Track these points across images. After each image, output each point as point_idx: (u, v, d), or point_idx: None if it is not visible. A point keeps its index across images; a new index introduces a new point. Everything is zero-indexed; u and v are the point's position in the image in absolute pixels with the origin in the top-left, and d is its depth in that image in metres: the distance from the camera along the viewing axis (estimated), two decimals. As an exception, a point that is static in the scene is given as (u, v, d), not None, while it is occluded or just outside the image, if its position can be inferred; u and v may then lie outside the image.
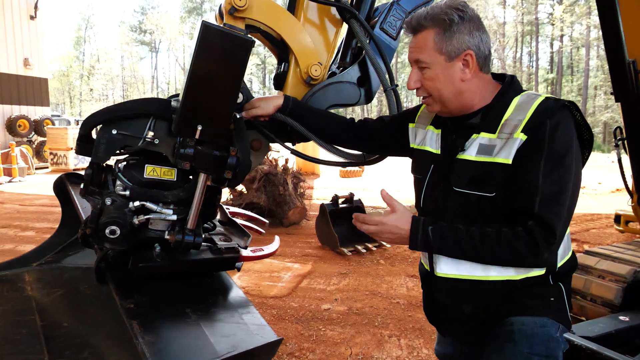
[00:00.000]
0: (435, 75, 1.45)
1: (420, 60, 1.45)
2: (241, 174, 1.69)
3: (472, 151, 1.44)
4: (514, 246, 1.33)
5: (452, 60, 1.43)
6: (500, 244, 1.34)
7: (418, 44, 1.46)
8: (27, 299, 2.19)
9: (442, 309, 1.60)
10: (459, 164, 1.47)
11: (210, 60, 1.54)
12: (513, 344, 1.40)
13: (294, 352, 3.46)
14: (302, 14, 2.02)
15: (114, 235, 1.59)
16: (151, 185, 1.71)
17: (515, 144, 1.36)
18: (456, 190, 1.45)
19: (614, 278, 3.35)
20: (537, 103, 1.39)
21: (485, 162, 1.40)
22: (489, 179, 1.39)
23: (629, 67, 3.10)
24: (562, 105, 1.38)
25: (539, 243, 1.31)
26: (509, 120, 1.40)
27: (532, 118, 1.36)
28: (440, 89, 1.46)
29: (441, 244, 1.41)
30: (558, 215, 1.33)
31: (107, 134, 1.63)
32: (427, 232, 1.41)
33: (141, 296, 1.66)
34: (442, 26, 1.42)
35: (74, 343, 1.94)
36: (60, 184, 2.29)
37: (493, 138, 1.41)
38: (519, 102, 1.43)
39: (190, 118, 1.60)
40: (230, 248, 1.90)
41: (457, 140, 1.50)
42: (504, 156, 1.37)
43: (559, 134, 1.34)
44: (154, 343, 1.43)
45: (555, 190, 1.33)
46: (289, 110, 1.84)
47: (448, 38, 1.42)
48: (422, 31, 1.45)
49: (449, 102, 1.47)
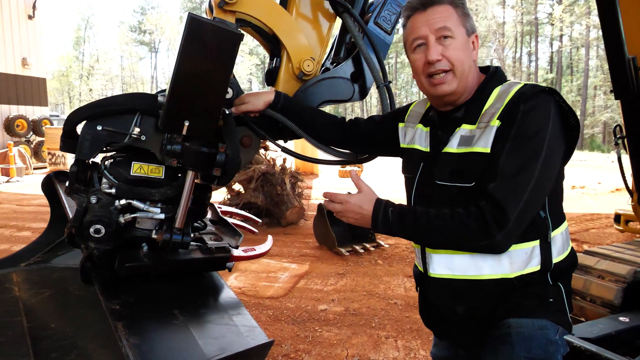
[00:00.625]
0: (460, 45, 1.42)
1: (447, 27, 1.41)
2: (230, 171, 1.64)
3: (454, 143, 1.42)
4: (465, 224, 1.30)
5: (469, 36, 1.45)
6: (453, 220, 1.31)
7: (442, 14, 1.42)
8: (14, 300, 2.15)
9: (436, 311, 1.56)
10: (442, 157, 1.45)
11: (197, 53, 1.49)
12: (510, 347, 1.35)
13: (290, 353, 3.41)
14: (294, 8, 1.97)
15: (99, 234, 1.55)
16: (138, 182, 1.66)
17: (492, 131, 1.34)
18: (439, 183, 1.43)
19: (613, 278, 3.30)
20: (515, 90, 1.38)
21: (465, 152, 1.39)
22: (468, 170, 1.37)
23: (629, 64, 3.06)
24: (540, 90, 1.36)
25: (488, 222, 1.27)
26: (488, 110, 1.39)
27: (508, 104, 1.35)
28: (463, 61, 1.43)
29: (400, 223, 1.39)
30: (514, 195, 1.28)
31: (92, 130, 1.59)
32: (387, 213, 1.40)
33: (127, 297, 1.61)
34: (460, 3, 1.45)
35: (61, 345, 1.90)
36: (48, 183, 2.25)
37: (473, 129, 1.40)
38: (499, 92, 1.42)
39: (176, 113, 1.55)
40: (220, 248, 1.85)
41: (442, 135, 1.49)
42: (482, 145, 1.35)
43: (531, 117, 1.31)
44: (139, 345, 1.39)
45: (514, 171, 1.29)
46: (279, 107, 1.80)
47: (466, 15, 1.45)
48: (442, 4, 1.43)
49: (464, 79, 1.44)
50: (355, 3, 2.10)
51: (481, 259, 1.39)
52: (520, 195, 1.28)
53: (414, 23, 1.45)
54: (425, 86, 1.48)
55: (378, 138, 1.82)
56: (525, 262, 1.39)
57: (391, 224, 1.39)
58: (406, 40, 1.51)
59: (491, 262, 1.39)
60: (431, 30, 1.41)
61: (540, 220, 1.40)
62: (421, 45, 1.45)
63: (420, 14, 1.44)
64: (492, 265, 1.39)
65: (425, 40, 1.43)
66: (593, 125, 39.90)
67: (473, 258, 1.40)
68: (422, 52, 1.44)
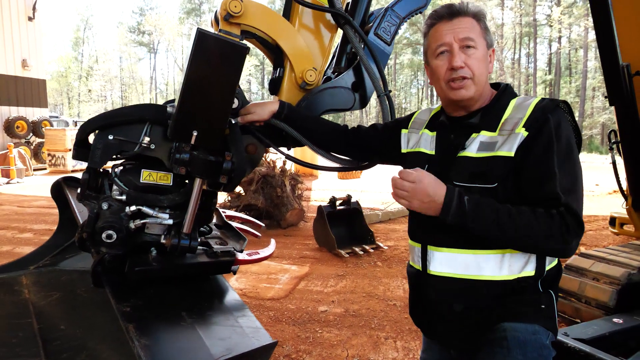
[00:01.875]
0: (481, 56, 1.51)
1: (470, 38, 1.49)
2: (236, 178, 1.71)
3: (473, 148, 1.49)
4: (549, 225, 1.34)
5: (488, 49, 1.55)
6: (537, 219, 1.35)
7: (466, 25, 1.51)
8: (24, 302, 2.21)
9: (432, 309, 1.60)
10: (460, 161, 1.51)
11: (205, 66, 1.56)
12: (507, 350, 1.41)
13: (291, 354, 3.47)
14: (297, 20, 2.04)
15: (111, 239, 1.61)
16: (147, 189, 1.73)
17: (517, 138, 1.42)
18: (456, 184, 1.48)
19: (608, 280, 3.37)
20: (535, 102, 1.47)
21: (487, 157, 1.46)
22: (491, 172, 1.44)
23: (623, 71, 3.14)
24: (557, 104, 1.46)
25: (570, 229, 1.34)
26: (509, 119, 1.48)
27: (533, 114, 1.44)
28: (482, 71, 1.51)
29: (476, 212, 1.38)
30: (579, 205, 1.39)
31: (104, 139, 1.65)
32: (463, 201, 1.39)
33: (137, 300, 1.67)
34: (483, 18, 1.55)
35: (71, 346, 1.96)
36: (57, 188, 2.30)
37: (494, 135, 1.48)
38: (517, 103, 1.51)
39: (185, 123, 1.62)
40: (226, 251, 1.92)
41: (456, 140, 1.55)
42: (507, 150, 1.43)
43: (562, 130, 1.42)
44: (150, 346, 1.45)
45: (571, 181, 1.40)
46: (283, 116, 1.86)
47: (487, 29, 1.56)
48: (467, 16, 1.52)
49: (481, 87, 1.53)
50: (356, 14, 2.17)
51: (484, 259, 1.47)
52: (581, 205, 1.41)
53: (440, 31, 1.53)
54: (445, 90, 1.55)
55: (379, 145, 1.89)
56: (522, 266, 1.46)
57: (467, 212, 1.38)
58: (429, 46, 1.58)
59: (492, 263, 1.46)
60: (456, 39, 1.50)
61: None
62: (444, 52, 1.52)
63: (446, 22, 1.53)
64: (493, 266, 1.46)
65: (449, 48, 1.51)
66: (591, 127, 40.01)
67: (476, 258, 1.47)
68: (446, 59, 1.52)
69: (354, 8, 2.17)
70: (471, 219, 1.38)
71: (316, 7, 1.99)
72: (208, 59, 1.55)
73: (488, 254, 1.46)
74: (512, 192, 1.43)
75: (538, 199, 1.39)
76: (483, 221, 1.38)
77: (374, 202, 9.84)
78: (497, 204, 1.39)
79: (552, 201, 1.37)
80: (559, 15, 41.87)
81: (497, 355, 1.43)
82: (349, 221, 6.63)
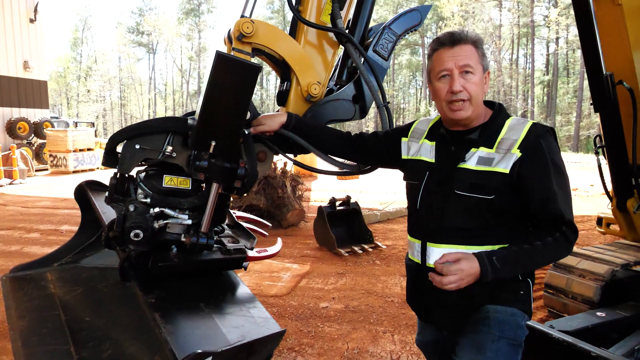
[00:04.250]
0: (478, 80, 1.71)
1: (469, 65, 1.69)
2: (249, 183, 1.90)
3: (472, 162, 1.70)
4: (558, 249, 1.66)
5: (484, 73, 1.74)
6: (549, 249, 1.64)
7: (466, 53, 1.70)
8: (51, 296, 2.39)
9: (430, 297, 1.81)
10: (460, 172, 1.72)
11: (223, 84, 1.74)
12: (488, 327, 1.66)
13: (294, 347, 3.67)
14: (302, 38, 2.23)
15: (138, 237, 1.80)
16: (169, 193, 1.92)
17: (512, 158, 1.64)
18: (458, 193, 1.70)
19: (593, 277, 3.57)
20: (527, 126, 1.70)
21: (485, 171, 1.67)
22: (488, 185, 1.66)
23: (607, 80, 3.32)
24: (547, 130, 1.70)
25: (572, 242, 1.66)
26: (505, 139, 1.69)
27: (526, 138, 1.66)
28: (479, 94, 1.72)
29: (506, 268, 1.62)
30: (572, 213, 1.68)
31: (131, 148, 1.84)
32: (493, 262, 1.60)
33: (161, 292, 1.86)
34: (481, 45, 1.74)
35: (96, 335, 2.14)
36: (81, 191, 2.48)
37: (491, 152, 1.69)
38: (511, 124, 1.73)
39: (205, 134, 1.81)
40: (238, 249, 2.11)
41: (457, 152, 1.76)
42: (503, 167, 1.65)
43: (554, 151, 1.67)
44: (174, 332, 1.64)
45: (566, 197, 1.66)
46: (292, 127, 2.05)
47: (484, 55, 1.74)
48: (467, 44, 1.70)
49: (477, 108, 1.73)
50: (356, 31, 2.37)
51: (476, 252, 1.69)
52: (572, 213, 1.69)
53: (442, 56, 1.72)
54: (445, 110, 1.76)
55: (380, 151, 2.09)
56: None
57: (499, 270, 1.60)
58: (431, 70, 1.78)
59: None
60: (456, 66, 1.69)
61: (524, 229, 1.73)
62: (446, 76, 1.72)
63: (447, 49, 1.71)
64: None
65: (450, 73, 1.70)
66: (589, 127, 40.24)
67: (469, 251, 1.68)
68: (447, 83, 1.72)
69: (355, 26, 2.36)
70: (504, 272, 1.62)
71: (320, 27, 2.18)
72: (225, 77, 1.73)
73: (480, 249, 1.67)
74: (507, 203, 1.66)
75: (544, 216, 1.66)
76: (514, 270, 1.67)
77: (372, 203, 10.03)
78: (517, 252, 1.65)
79: (557, 217, 1.64)
80: (556, 16, 42.09)
81: (480, 331, 1.66)
82: (348, 221, 6.83)
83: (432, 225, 1.76)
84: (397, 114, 57.42)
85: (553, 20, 42.93)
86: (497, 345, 1.63)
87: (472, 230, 1.69)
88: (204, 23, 67.28)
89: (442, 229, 1.73)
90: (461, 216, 1.70)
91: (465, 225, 1.69)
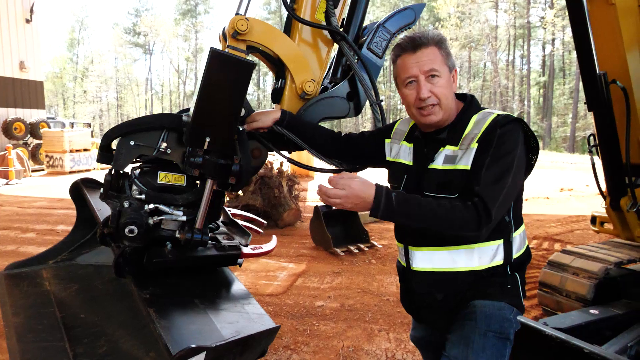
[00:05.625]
0: (445, 83, 1.69)
1: (434, 69, 1.67)
2: (244, 179, 1.91)
3: (439, 161, 1.70)
4: (463, 214, 1.53)
5: (451, 72, 1.72)
6: (453, 209, 1.53)
7: (429, 57, 1.68)
8: (46, 294, 2.40)
9: (417, 299, 1.84)
10: (429, 172, 1.72)
11: (217, 81, 1.75)
12: (474, 322, 1.66)
13: (290, 345, 3.68)
14: (297, 35, 2.24)
15: (133, 234, 1.80)
16: (164, 189, 1.92)
17: (472, 152, 1.63)
18: (427, 194, 1.69)
19: (587, 275, 3.60)
20: (490, 119, 1.67)
21: (450, 169, 1.67)
22: (453, 183, 1.65)
23: (600, 79, 3.35)
24: (511, 120, 1.65)
25: (480, 216, 1.52)
26: (468, 135, 1.68)
27: (485, 130, 1.63)
28: (447, 96, 1.70)
29: (402, 208, 1.54)
30: (493, 198, 1.54)
31: (126, 145, 1.85)
32: (390, 197, 1.54)
33: (155, 288, 1.87)
34: (443, 44, 1.70)
35: (91, 332, 2.15)
36: (76, 188, 2.49)
37: (456, 149, 1.68)
38: (476, 120, 1.70)
39: (200, 130, 1.82)
40: (232, 246, 2.12)
41: (428, 153, 1.76)
42: (464, 163, 1.64)
43: (504, 140, 1.60)
44: (169, 327, 1.64)
45: (493, 179, 1.57)
46: (285, 124, 2.06)
47: (448, 54, 1.72)
48: (429, 47, 1.68)
49: (447, 110, 1.71)
50: (351, 29, 2.38)
51: (456, 254, 1.70)
52: (498, 199, 1.56)
53: (405, 63, 1.71)
54: (416, 116, 1.76)
55: (367, 151, 2.10)
56: (491, 257, 1.70)
57: (394, 207, 1.52)
58: (397, 76, 1.77)
59: (464, 257, 1.69)
60: (421, 71, 1.68)
61: (505, 224, 1.71)
62: (412, 82, 1.71)
63: (410, 54, 1.70)
64: (465, 259, 1.69)
65: (415, 79, 1.69)
66: (584, 128, 40.34)
67: (450, 253, 1.70)
68: (414, 89, 1.71)
69: (349, 24, 2.37)
70: (398, 212, 1.54)
71: (314, 25, 2.19)
72: (220, 74, 1.74)
73: (459, 249, 1.69)
74: None
75: (464, 189, 1.60)
76: (407, 214, 1.55)
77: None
78: (420, 199, 1.56)
79: (471, 187, 1.57)
80: (552, 17, 42.24)
81: (467, 326, 1.67)
82: (344, 221, 6.84)
83: (410, 229, 1.75)
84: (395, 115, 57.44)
85: (549, 22, 43.06)
86: (483, 339, 1.64)
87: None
88: (201, 24, 67.30)
89: (419, 232, 1.70)
90: None
91: None
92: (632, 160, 3.44)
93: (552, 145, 43.69)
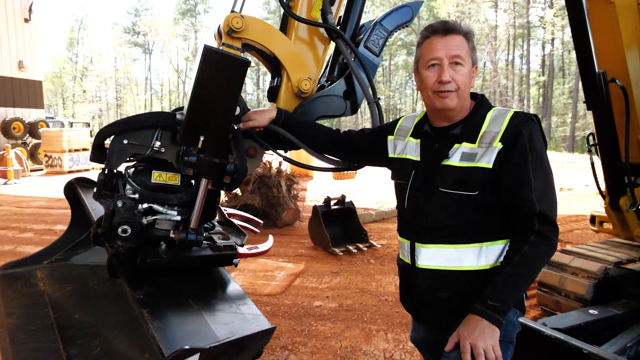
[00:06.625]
0: (467, 72, 1.68)
1: (460, 56, 1.66)
2: (239, 179, 1.89)
3: (456, 158, 1.68)
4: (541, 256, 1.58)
5: (473, 66, 1.72)
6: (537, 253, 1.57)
7: (457, 44, 1.67)
8: (40, 294, 2.38)
9: (420, 297, 1.81)
10: (444, 169, 1.69)
11: (211, 78, 1.73)
12: None
13: (287, 345, 3.65)
14: (293, 33, 2.22)
15: (126, 233, 1.78)
16: (158, 189, 1.90)
17: (494, 151, 1.61)
18: (442, 190, 1.68)
19: (586, 275, 3.58)
20: (508, 117, 1.65)
21: (468, 167, 1.64)
22: (472, 181, 1.63)
23: (599, 78, 3.33)
24: (529, 117, 1.65)
25: (550, 238, 1.57)
26: (486, 133, 1.66)
27: (507, 129, 1.62)
28: (467, 85, 1.69)
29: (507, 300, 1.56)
30: (551, 207, 1.59)
31: (119, 144, 1.82)
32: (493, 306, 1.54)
33: (149, 288, 1.84)
34: (472, 38, 1.71)
35: (85, 333, 2.13)
36: (71, 188, 2.47)
37: (474, 147, 1.66)
38: (492, 116, 1.69)
39: (194, 129, 1.79)
40: (228, 246, 2.09)
41: (441, 149, 1.73)
42: (486, 162, 1.62)
43: (535, 141, 1.61)
44: (162, 328, 1.62)
45: (544, 186, 1.59)
46: (281, 122, 2.04)
47: (474, 48, 1.72)
48: (459, 35, 1.68)
49: (463, 100, 1.71)
50: (347, 27, 2.36)
51: (464, 253, 1.68)
52: (554, 205, 1.61)
53: (433, 44, 1.69)
54: (432, 99, 1.72)
55: (367, 149, 2.07)
56: (497, 257, 1.67)
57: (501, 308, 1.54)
58: (420, 57, 1.75)
59: (471, 255, 1.67)
60: (447, 55, 1.67)
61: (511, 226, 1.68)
62: (435, 65, 1.69)
63: (439, 37, 1.69)
64: (472, 258, 1.67)
65: (440, 62, 1.68)
66: (584, 128, 40.32)
67: (457, 251, 1.68)
68: (435, 72, 1.69)
69: (346, 22, 2.35)
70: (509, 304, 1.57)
71: (310, 22, 2.17)
72: (214, 71, 1.72)
73: (467, 248, 1.66)
74: (492, 200, 1.63)
75: (516, 203, 1.60)
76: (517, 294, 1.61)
77: (367, 202, 10.02)
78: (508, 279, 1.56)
79: (528, 208, 1.57)
80: (551, 17, 42.22)
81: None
82: (343, 220, 6.82)
83: (419, 225, 1.75)
84: (394, 115, 57.44)
85: (549, 21, 43.02)
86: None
87: (456, 227, 1.66)
88: (200, 23, 67.22)
89: (428, 228, 1.71)
90: (445, 213, 1.67)
91: (450, 222, 1.67)
92: (631, 159, 3.42)
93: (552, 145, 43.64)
